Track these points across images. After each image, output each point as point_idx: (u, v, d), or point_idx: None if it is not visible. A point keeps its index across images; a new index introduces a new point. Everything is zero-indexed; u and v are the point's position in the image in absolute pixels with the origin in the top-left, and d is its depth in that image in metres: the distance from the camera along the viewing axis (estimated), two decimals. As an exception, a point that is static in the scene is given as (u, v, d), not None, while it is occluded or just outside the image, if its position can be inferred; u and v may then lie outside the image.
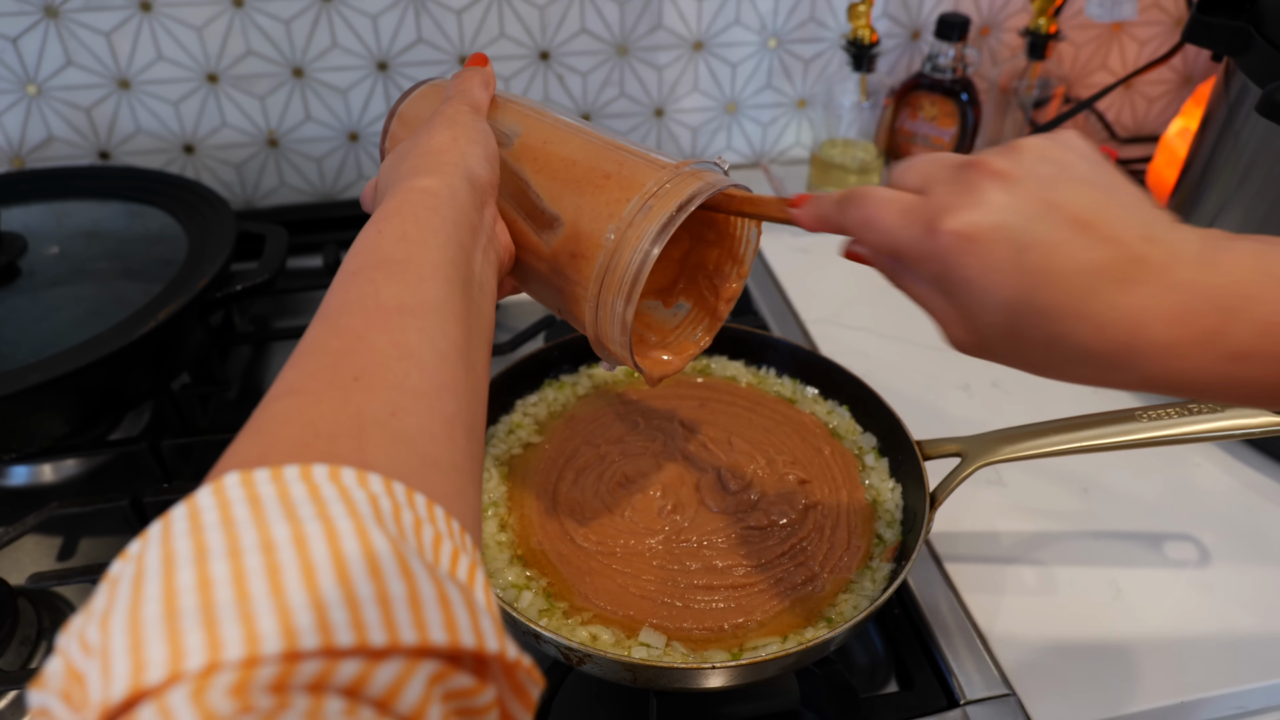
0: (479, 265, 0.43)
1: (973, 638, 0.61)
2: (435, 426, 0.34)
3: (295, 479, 0.28)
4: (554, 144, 0.49)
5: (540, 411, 0.68)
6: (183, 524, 0.26)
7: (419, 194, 0.41)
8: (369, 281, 0.37)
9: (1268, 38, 0.68)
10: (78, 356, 0.64)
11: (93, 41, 0.90)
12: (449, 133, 0.46)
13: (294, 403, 0.32)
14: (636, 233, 0.45)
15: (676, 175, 0.46)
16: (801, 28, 1.02)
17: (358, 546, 0.26)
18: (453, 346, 0.37)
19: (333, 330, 0.35)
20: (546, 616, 0.54)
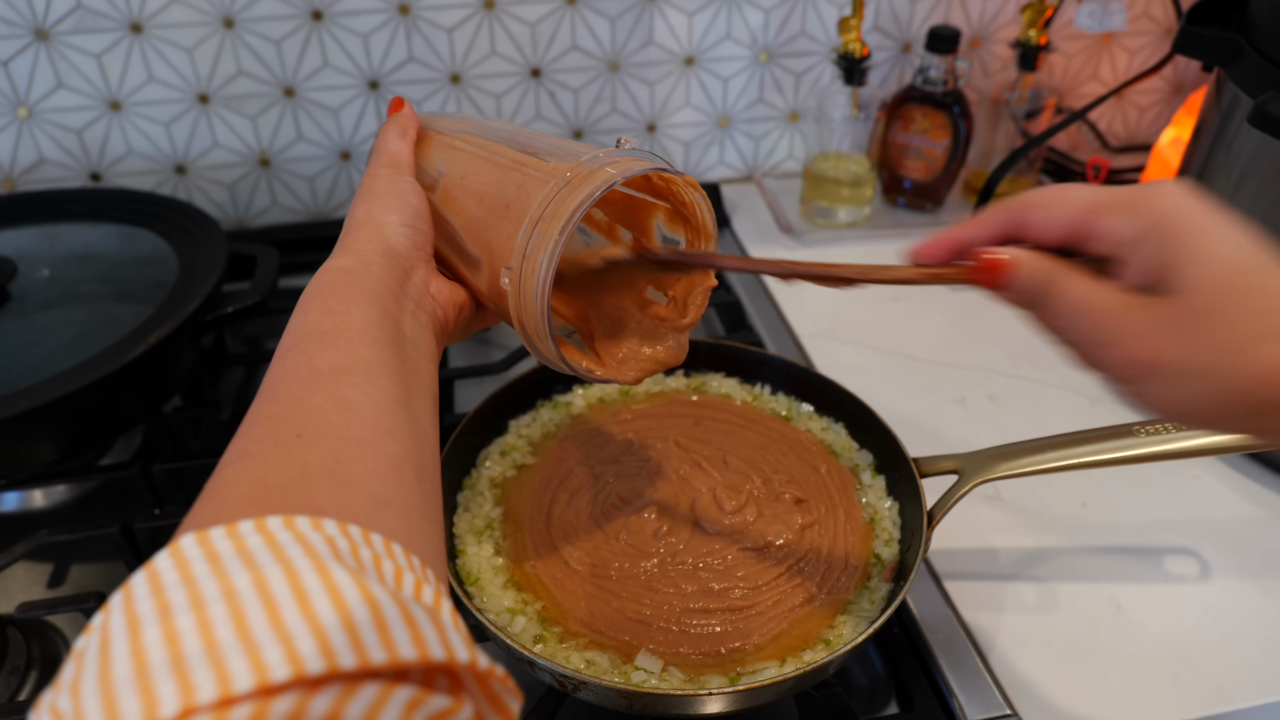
0: (409, 327, 0.44)
1: (973, 657, 0.60)
2: (382, 469, 0.34)
3: (250, 531, 0.28)
4: (469, 179, 0.49)
5: (534, 432, 0.68)
6: (143, 588, 0.27)
7: (335, 273, 0.43)
8: (301, 353, 0.38)
9: (1258, 48, 0.68)
10: (66, 382, 0.64)
11: (83, 64, 0.90)
12: (364, 206, 0.48)
13: (242, 466, 0.33)
14: (530, 266, 0.44)
15: (564, 184, 0.44)
16: (792, 42, 1.02)
17: (318, 581, 0.26)
18: (390, 398, 0.38)
19: (272, 399, 0.37)
20: (541, 642, 0.53)
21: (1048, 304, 0.37)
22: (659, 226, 0.53)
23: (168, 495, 0.72)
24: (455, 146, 0.51)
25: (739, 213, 1.06)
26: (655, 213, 0.52)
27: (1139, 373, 0.35)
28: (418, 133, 0.54)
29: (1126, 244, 0.35)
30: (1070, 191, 0.37)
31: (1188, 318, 0.33)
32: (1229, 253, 0.33)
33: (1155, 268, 0.34)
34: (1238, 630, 0.62)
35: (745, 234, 1.02)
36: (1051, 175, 1.11)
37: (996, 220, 0.39)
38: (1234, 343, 0.33)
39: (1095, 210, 0.36)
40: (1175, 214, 0.34)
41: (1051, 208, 0.37)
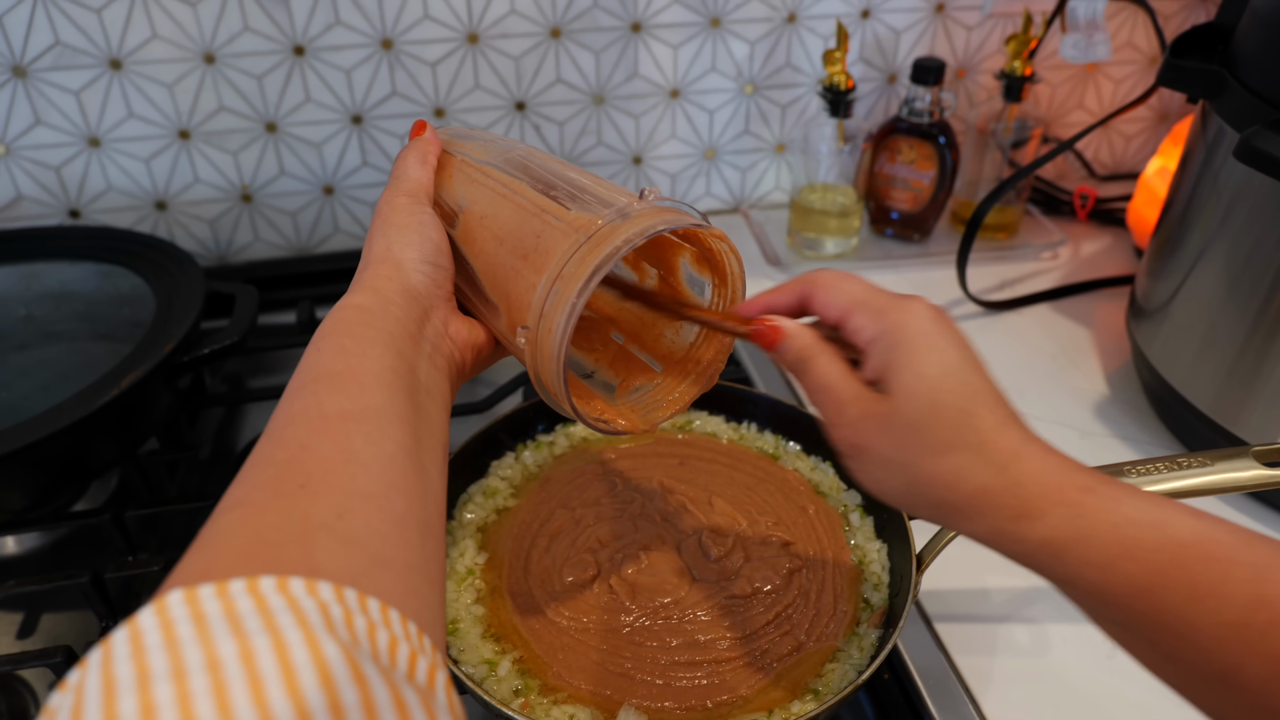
0: (424, 372, 0.42)
1: (965, 703, 0.59)
2: (385, 527, 0.33)
3: (241, 592, 0.27)
4: (488, 220, 0.47)
5: (516, 474, 0.66)
6: (124, 648, 0.25)
7: (353, 311, 0.42)
8: (311, 395, 0.37)
9: (1242, 81, 0.68)
10: (36, 428, 0.62)
11: (62, 100, 0.89)
12: (384, 240, 0.46)
13: (239, 514, 0.32)
14: (547, 326, 0.43)
15: (585, 241, 0.43)
16: (778, 74, 1.02)
17: (308, 656, 0.25)
18: (399, 449, 0.36)
19: (277, 443, 0.35)
20: (520, 695, 0.52)
21: (803, 375, 0.43)
22: (685, 265, 0.52)
23: (141, 542, 0.71)
24: (476, 180, 0.49)
25: (726, 244, 1.05)
26: (682, 252, 0.51)
27: (851, 452, 0.42)
28: (439, 157, 0.52)
29: (867, 342, 0.41)
30: (846, 284, 0.43)
31: (892, 419, 0.40)
32: (935, 373, 0.39)
33: (881, 368, 0.40)
34: (1235, 672, 0.60)
35: (732, 266, 1.02)
36: (1039, 204, 1.10)
37: (793, 290, 0.44)
38: (922, 448, 0.39)
39: (853, 308, 0.42)
40: (905, 328, 0.40)
41: (827, 292, 0.43)
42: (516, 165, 0.50)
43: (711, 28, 0.97)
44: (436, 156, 0.52)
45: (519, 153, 0.51)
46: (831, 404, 0.42)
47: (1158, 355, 0.78)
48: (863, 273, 1.00)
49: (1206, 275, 0.74)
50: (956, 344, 0.40)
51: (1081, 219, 1.09)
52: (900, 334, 0.40)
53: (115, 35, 0.87)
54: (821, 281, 0.44)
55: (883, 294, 0.42)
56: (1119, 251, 1.05)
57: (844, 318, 0.42)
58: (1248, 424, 0.71)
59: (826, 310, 0.43)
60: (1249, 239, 0.70)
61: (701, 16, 0.96)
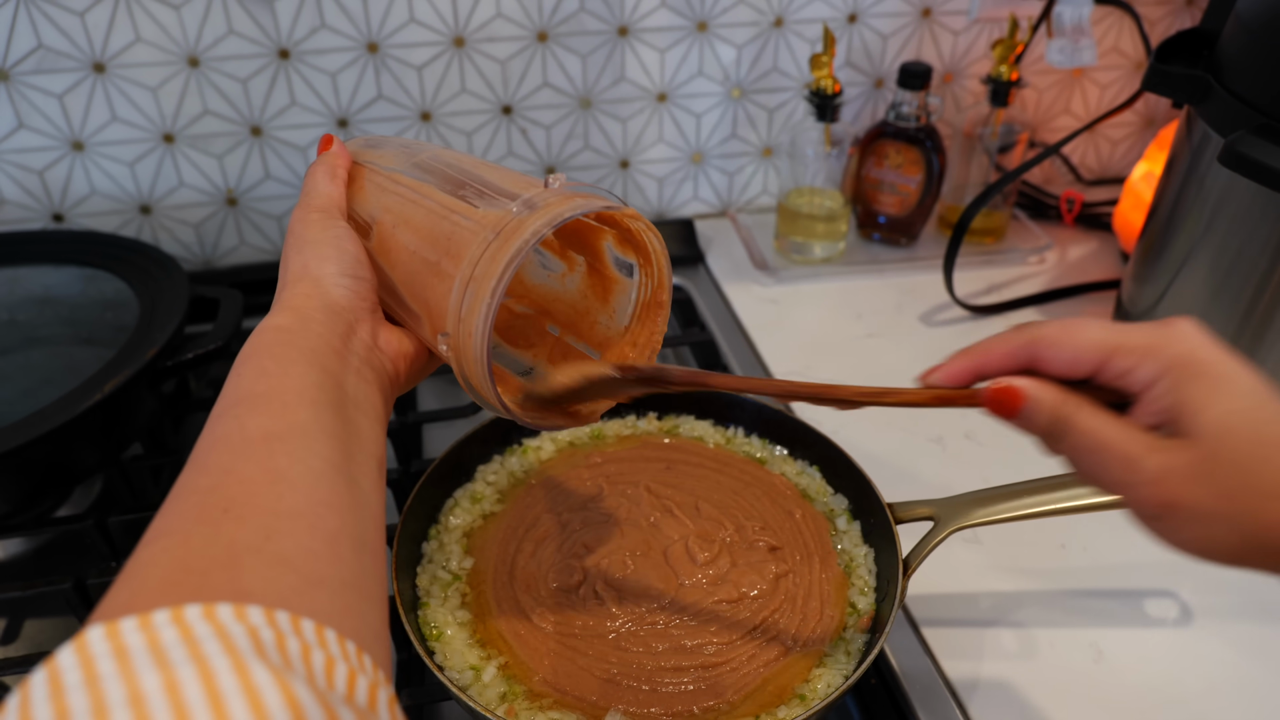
0: (352, 386, 0.41)
1: (952, 708, 0.59)
2: (316, 545, 0.32)
3: (165, 623, 0.26)
4: (400, 228, 0.46)
5: (502, 479, 0.66)
6: (41, 690, 0.24)
7: (272, 333, 0.41)
8: (233, 418, 0.36)
9: (1226, 87, 0.68)
10: (17, 433, 0.62)
11: (44, 104, 0.88)
12: (299, 257, 0.45)
13: (162, 545, 0.31)
14: (467, 329, 0.42)
15: (494, 238, 0.42)
16: (764, 78, 1.02)
17: (236, 684, 0.24)
18: (328, 465, 0.36)
19: (200, 470, 0.35)
20: (506, 701, 0.52)
21: (1062, 438, 0.38)
22: (610, 248, 0.52)
23: (125, 548, 0.70)
24: (386, 189, 0.49)
25: (713, 249, 1.05)
26: (604, 235, 0.51)
27: (1160, 512, 0.36)
28: (349, 170, 0.51)
29: (1144, 385, 0.36)
30: (1085, 332, 0.37)
31: (1207, 465, 0.34)
32: (1244, 404, 0.34)
33: (1169, 409, 0.35)
34: (1218, 673, 0.61)
35: (720, 270, 1.02)
36: (1026, 209, 1.11)
37: (1011, 350, 0.39)
38: (1255, 490, 0.33)
39: (1110, 353, 0.36)
40: (1190, 360, 0.35)
41: (1065, 347, 0.37)
42: (424, 169, 0.49)
43: (698, 31, 0.97)
44: (346, 169, 0.51)
45: (426, 155, 0.51)
46: (1119, 464, 0.36)
47: (1143, 359, 0.79)
48: (850, 277, 1.00)
49: (1192, 279, 0.74)
50: (1243, 364, 0.35)
51: (1068, 223, 1.09)
52: (1190, 367, 0.35)
53: (98, 38, 0.86)
54: (1049, 338, 0.38)
55: (1133, 328, 0.37)
56: (1105, 256, 1.05)
57: (1099, 368, 0.37)
58: (1232, 427, 0.71)
59: (1072, 368, 0.38)
60: (1234, 243, 0.70)
61: (688, 20, 0.96)
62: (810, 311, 0.96)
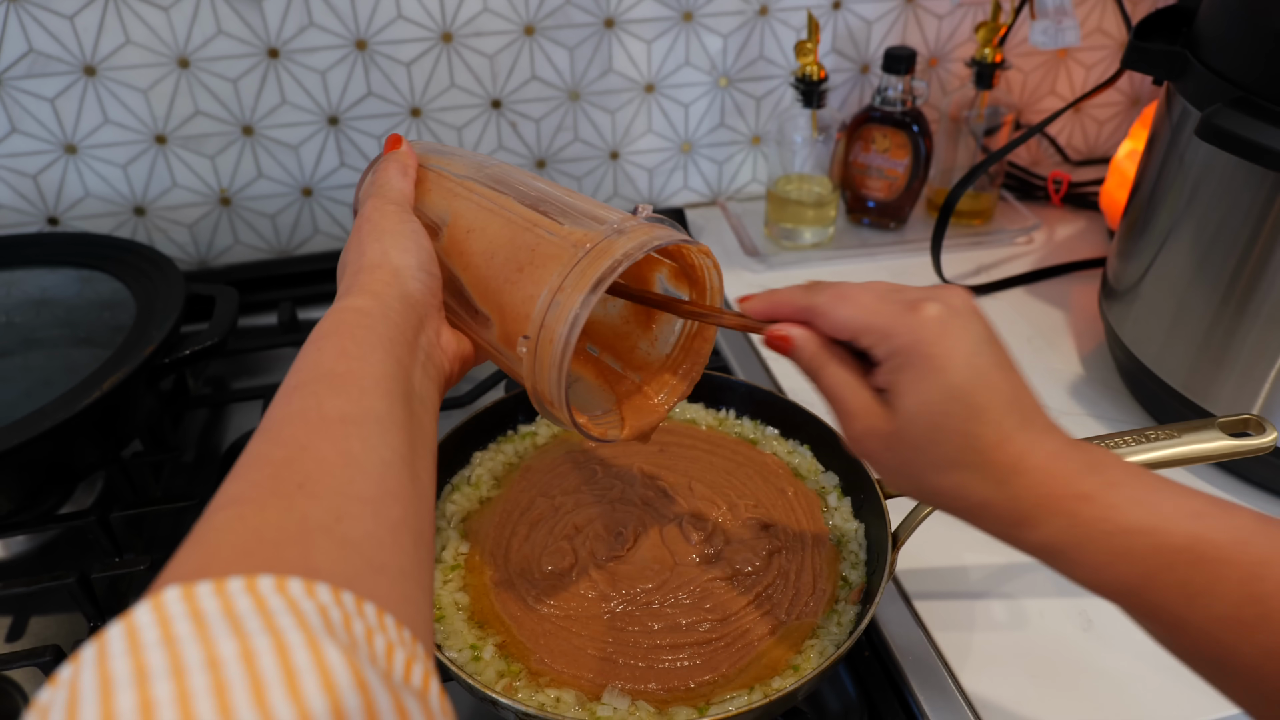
0: (418, 380, 0.43)
1: (944, 677, 0.60)
2: (382, 532, 0.33)
3: (240, 591, 0.27)
4: (475, 234, 0.48)
5: (498, 464, 0.67)
6: (120, 644, 0.25)
7: (354, 314, 0.42)
8: (311, 395, 0.37)
9: (1204, 62, 0.69)
10: (18, 432, 0.63)
11: (37, 108, 0.89)
12: (379, 245, 0.46)
13: (236, 512, 0.31)
14: (548, 337, 0.43)
15: (584, 254, 0.44)
16: (751, 66, 1.03)
17: (309, 659, 0.25)
18: (396, 455, 0.36)
19: (275, 441, 0.35)
20: (504, 678, 0.53)
21: (815, 381, 0.45)
22: (661, 281, 0.53)
23: (127, 543, 0.71)
24: (458, 194, 0.50)
25: (704, 237, 1.06)
26: (659, 268, 0.53)
27: (861, 457, 0.45)
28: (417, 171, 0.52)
29: (878, 359, 0.42)
30: (844, 309, 0.43)
31: (894, 439, 0.42)
32: (937, 397, 0.40)
33: (889, 385, 0.42)
34: (1208, 641, 0.62)
35: (711, 258, 1.02)
36: (1014, 190, 1.11)
37: (796, 308, 0.46)
38: (924, 465, 0.41)
39: (860, 332, 0.43)
40: (912, 350, 0.41)
41: (827, 319, 0.44)
42: (499, 181, 0.50)
43: (684, 22, 0.98)
44: (415, 170, 0.52)
45: (497, 169, 0.52)
46: (841, 414, 0.44)
47: (1130, 335, 0.80)
48: (840, 262, 1.01)
49: (1175, 254, 0.75)
50: (967, 355, 0.40)
51: (1056, 204, 1.10)
52: (907, 356, 0.41)
53: (89, 42, 0.87)
54: (819, 308, 0.44)
55: (889, 307, 0.42)
56: (1092, 235, 1.06)
57: (853, 340, 0.43)
58: (1219, 399, 0.72)
59: (836, 333, 0.44)
60: (1215, 217, 0.71)
61: (674, 11, 0.97)
62: (801, 296, 0.96)
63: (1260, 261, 0.68)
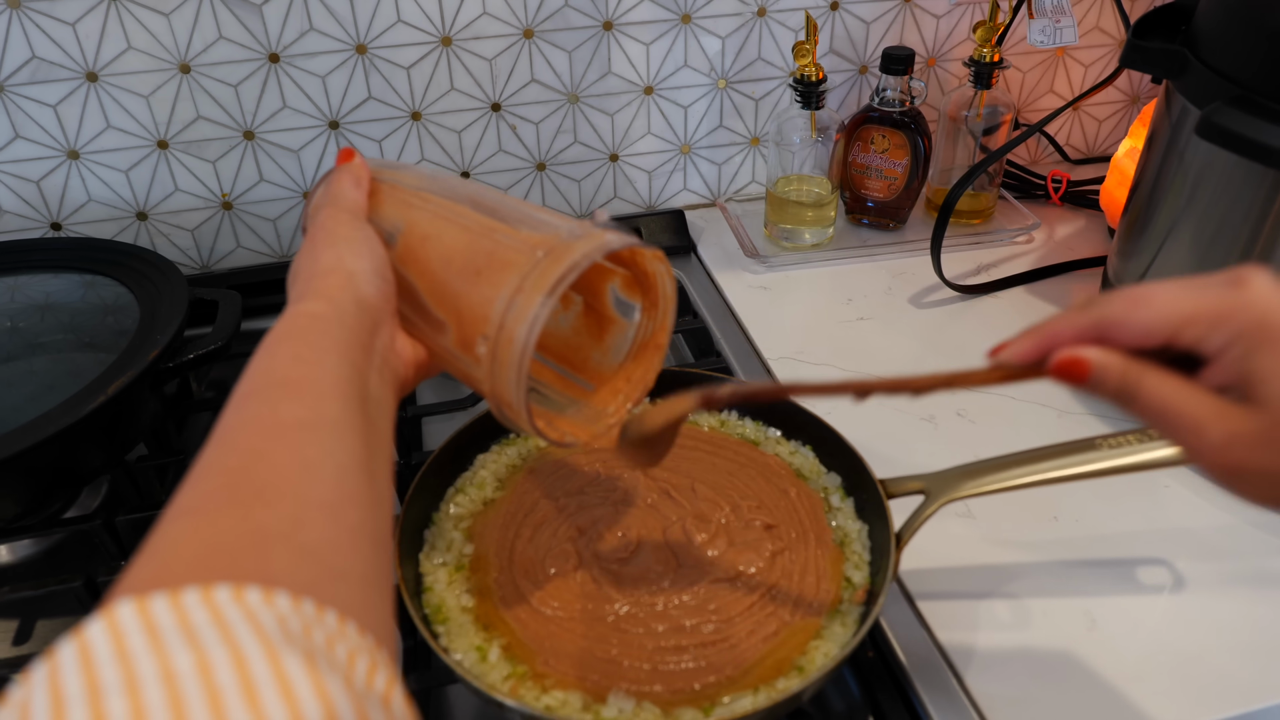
0: (374, 385, 0.42)
1: (949, 678, 0.60)
2: (341, 538, 0.33)
3: (196, 603, 0.26)
4: (431, 240, 0.48)
5: (500, 466, 0.67)
6: (72, 660, 0.24)
7: (307, 318, 0.41)
8: (265, 401, 0.37)
9: (1203, 60, 0.69)
10: (23, 437, 0.63)
11: (39, 114, 0.89)
12: (333, 250, 0.46)
13: (191, 523, 0.31)
14: (508, 335, 0.43)
15: (542, 256, 0.44)
16: (750, 68, 1.03)
17: (268, 670, 0.24)
18: (353, 460, 0.36)
19: (229, 449, 0.35)
20: (510, 680, 0.53)
21: (1133, 404, 0.38)
22: (613, 290, 0.53)
23: (132, 547, 0.71)
24: (412, 204, 0.50)
25: (704, 238, 1.06)
26: (611, 278, 0.53)
27: (1229, 477, 0.36)
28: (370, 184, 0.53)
29: (1216, 352, 0.36)
30: (1150, 306, 0.37)
31: (1274, 431, 0.34)
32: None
33: (1239, 376, 0.35)
34: (1212, 640, 0.62)
35: (711, 259, 1.03)
36: (1013, 190, 1.12)
37: (1079, 331, 0.39)
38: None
39: (1180, 326, 0.37)
40: (1260, 327, 0.35)
41: (1132, 325, 0.38)
42: (453, 192, 0.51)
43: (683, 24, 0.98)
44: (368, 182, 0.52)
45: (450, 179, 0.53)
46: (1186, 430, 0.37)
47: (1130, 333, 0.80)
48: (840, 262, 1.01)
49: (1175, 252, 0.75)
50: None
51: (1055, 203, 1.11)
52: (1260, 334, 0.35)
53: (90, 48, 0.87)
54: (1114, 316, 0.38)
55: (1206, 293, 0.37)
56: (1093, 233, 1.06)
57: (1170, 340, 0.37)
58: (1219, 396, 0.72)
59: (1142, 343, 0.38)
60: (1214, 215, 0.71)
61: (672, 13, 0.97)
62: (801, 297, 0.97)
63: (1260, 259, 0.68)
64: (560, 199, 1.07)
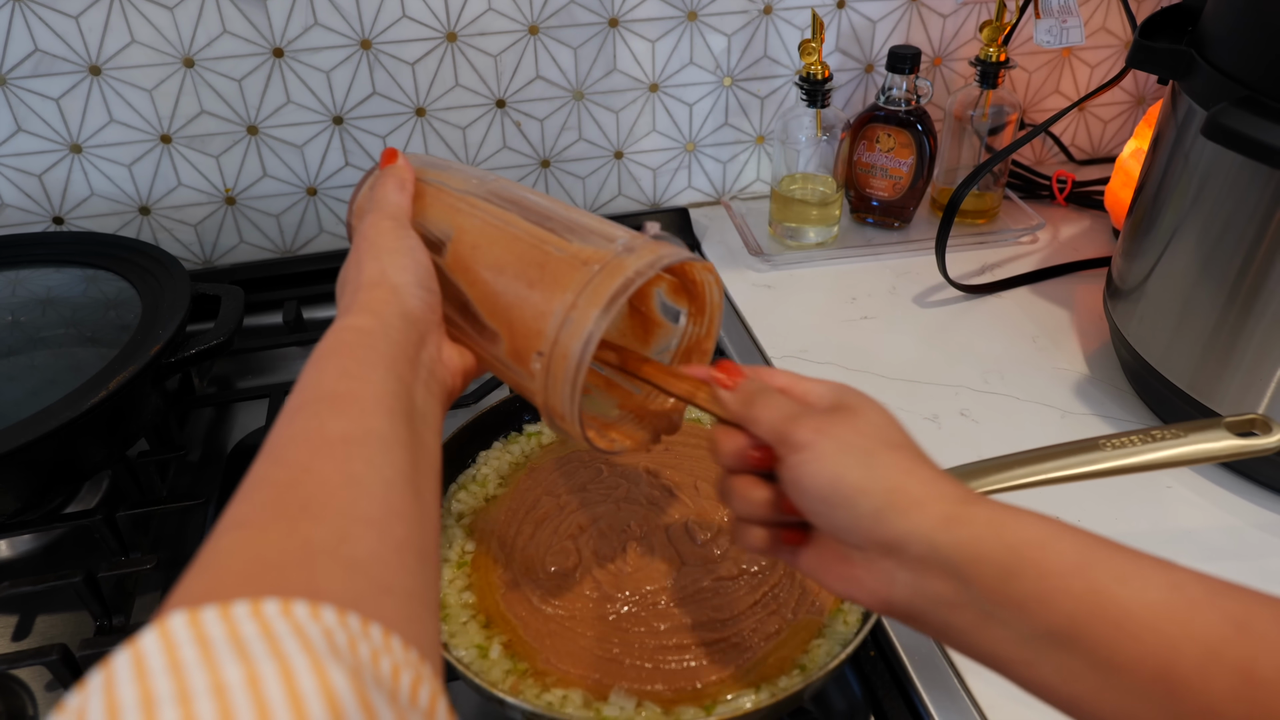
0: (420, 397, 0.42)
1: (950, 678, 0.60)
2: (387, 552, 0.33)
3: (246, 616, 0.27)
4: (481, 249, 0.48)
5: (503, 463, 0.67)
6: (127, 670, 0.25)
7: (354, 333, 0.42)
8: (313, 415, 0.37)
9: (1209, 61, 0.69)
10: (25, 431, 0.63)
11: (42, 107, 0.89)
12: (377, 263, 0.46)
13: (240, 536, 0.32)
14: (562, 353, 0.43)
15: (596, 272, 0.44)
16: (755, 65, 1.03)
17: (315, 684, 0.25)
18: (399, 474, 0.36)
19: (278, 463, 0.35)
20: (512, 676, 0.53)
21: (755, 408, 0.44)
22: (659, 295, 0.53)
23: (133, 542, 0.71)
24: (460, 210, 0.50)
25: (708, 236, 1.06)
26: (659, 283, 0.53)
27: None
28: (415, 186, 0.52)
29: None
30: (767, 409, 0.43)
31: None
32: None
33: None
34: (1214, 640, 0.61)
35: (716, 257, 1.03)
36: (1018, 190, 1.11)
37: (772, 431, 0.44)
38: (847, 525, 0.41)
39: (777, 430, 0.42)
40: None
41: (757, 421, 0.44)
42: (502, 197, 0.50)
43: (688, 21, 0.98)
44: (413, 185, 0.52)
45: (497, 183, 0.52)
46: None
47: (1135, 334, 0.79)
48: (844, 261, 1.01)
49: (1180, 253, 0.75)
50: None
51: (1060, 203, 1.10)
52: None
53: (94, 41, 0.87)
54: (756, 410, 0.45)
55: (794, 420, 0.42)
56: (1097, 234, 1.06)
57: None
58: (1224, 398, 0.72)
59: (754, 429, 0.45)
60: (1220, 216, 0.71)
61: (678, 10, 0.97)
62: (806, 296, 0.97)
63: (1266, 260, 0.68)
64: (564, 196, 1.07)
